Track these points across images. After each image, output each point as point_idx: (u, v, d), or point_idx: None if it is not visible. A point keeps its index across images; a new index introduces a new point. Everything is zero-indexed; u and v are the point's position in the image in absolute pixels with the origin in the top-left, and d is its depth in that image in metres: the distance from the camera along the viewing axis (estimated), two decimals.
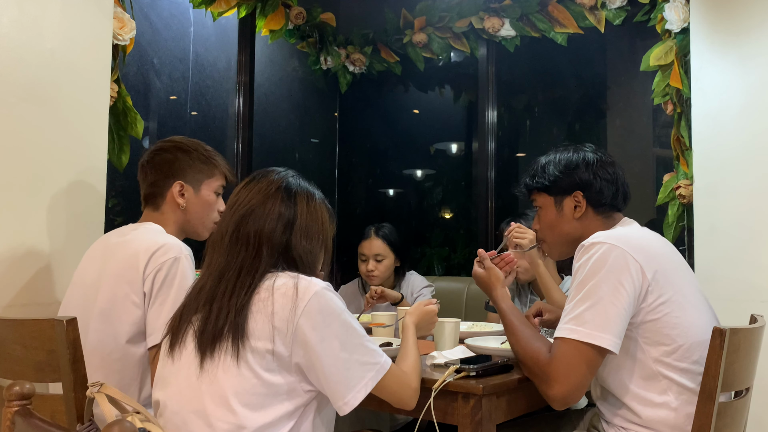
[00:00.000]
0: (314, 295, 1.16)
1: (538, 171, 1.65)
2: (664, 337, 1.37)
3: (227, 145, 3.16)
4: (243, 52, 3.21)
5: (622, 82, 3.12)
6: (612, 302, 1.34)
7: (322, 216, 1.31)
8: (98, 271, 1.61)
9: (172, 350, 1.22)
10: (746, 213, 2.36)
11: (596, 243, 1.40)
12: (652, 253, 1.41)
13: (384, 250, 2.65)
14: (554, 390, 1.34)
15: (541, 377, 1.37)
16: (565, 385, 1.33)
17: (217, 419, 1.11)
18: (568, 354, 1.34)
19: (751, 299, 2.26)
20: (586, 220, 1.58)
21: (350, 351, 1.18)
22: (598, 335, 1.32)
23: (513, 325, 1.49)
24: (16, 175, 1.87)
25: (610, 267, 1.36)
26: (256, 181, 1.30)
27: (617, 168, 1.61)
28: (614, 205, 1.59)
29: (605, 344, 1.32)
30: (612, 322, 1.33)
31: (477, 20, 3.32)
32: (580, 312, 1.35)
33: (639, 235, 1.49)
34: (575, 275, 1.42)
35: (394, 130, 3.83)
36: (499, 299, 1.61)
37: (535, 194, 1.67)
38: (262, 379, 1.13)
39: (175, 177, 1.70)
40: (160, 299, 1.53)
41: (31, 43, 1.91)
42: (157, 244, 1.56)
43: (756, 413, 1.64)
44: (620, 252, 1.37)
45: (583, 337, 1.33)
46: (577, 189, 1.58)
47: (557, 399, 1.35)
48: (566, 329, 1.36)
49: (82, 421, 1.26)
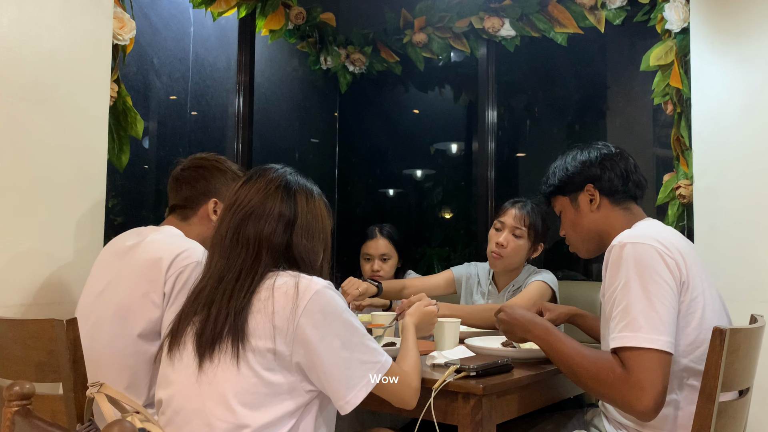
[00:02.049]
0: (315, 293, 1.16)
1: (549, 176, 1.69)
2: (686, 336, 1.36)
3: (227, 145, 3.16)
4: (243, 52, 3.21)
5: (622, 82, 3.12)
6: (662, 302, 1.31)
7: (321, 212, 1.31)
8: (115, 272, 1.63)
9: (171, 351, 1.22)
10: (746, 213, 2.36)
11: (626, 243, 1.38)
12: (682, 251, 1.40)
13: (389, 250, 2.66)
14: (645, 402, 1.26)
15: (624, 392, 1.29)
16: (654, 394, 1.26)
17: (217, 419, 1.11)
18: (644, 362, 1.28)
19: (751, 299, 2.26)
20: (604, 211, 1.59)
21: (351, 350, 1.18)
22: (659, 339, 1.28)
23: (560, 343, 1.42)
24: (16, 175, 1.87)
25: (649, 266, 1.33)
26: (254, 180, 1.29)
27: (625, 157, 1.63)
28: (627, 192, 1.60)
29: (666, 347, 1.28)
30: (667, 323, 1.30)
31: (477, 20, 3.32)
32: (635, 317, 1.30)
33: (666, 233, 1.47)
34: (611, 278, 1.38)
35: (394, 130, 3.83)
36: (534, 337, 1.52)
37: (553, 200, 1.70)
38: (263, 378, 1.13)
39: (210, 195, 1.77)
40: (178, 302, 1.53)
41: (31, 43, 1.91)
42: (181, 247, 1.60)
43: (756, 413, 1.64)
44: (653, 250, 1.35)
45: (648, 344, 1.28)
46: (588, 182, 1.60)
47: (650, 411, 1.27)
48: (626, 337, 1.30)
49: (82, 421, 1.26)
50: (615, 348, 1.32)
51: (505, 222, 2.28)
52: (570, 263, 3.24)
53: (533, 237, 2.28)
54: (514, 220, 2.27)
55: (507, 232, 2.26)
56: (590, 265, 3.15)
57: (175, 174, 1.81)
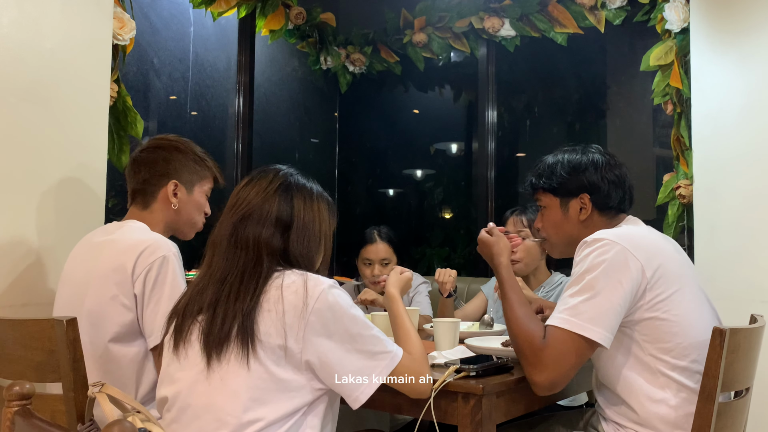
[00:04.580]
0: (323, 292, 1.18)
1: (545, 171, 1.63)
2: (663, 334, 1.38)
3: (227, 145, 3.16)
4: (243, 52, 3.21)
5: (622, 82, 3.12)
6: (608, 297, 1.35)
7: (320, 215, 1.32)
8: (85, 271, 1.59)
9: (176, 348, 1.22)
10: (746, 213, 2.36)
11: (598, 239, 1.41)
12: (654, 252, 1.42)
13: (389, 254, 2.65)
14: (542, 376, 1.35)
15: (531, 361, 1.37)
16: (553, 373, 1.34)
17: (227, 414, 1.13)
18: (560, 342, 1.35)
19: (751, 299, 2.26)
20: (590, 222, 1.58)
21: (361, 343, 1.21)
22: (591, 328, 1.33)
23: (511, 301, 1.49)
24: (16, 175, 1.87)
25: (610, 263, 1.37)
26: (255, 181, 1.31)
27: (624, 170, 1.60)
28: (620, 208, 1.59)
29: (596, 337, 1.33)
30: (605, 317, 1.34)
31: (477, 20, 3.32)
32: (576, 303, 1.36)
33: (642, 233, 1.49)
34: (575, 268, 1.43)
35: (394, 130, 3.83)
36: (502, 267, 1.59)
37: (540, 194, 1.66)
38: (273, 374, 1.14)
39: (170, 176, 1.69)
40: (154, 300, 1.51)
41: (31, 43, 1.91)
42: (143, 243, 1.53)
43: (756, 413, 1.64)
44: (621, 249, 1.38)
45: (575, 328, 1.34)
46: (584, 191, 1.57)
47: (544, 385, 1.36)
48: (560, 318, 1.37)
49: (83, 421, 1.26)
50: (549, 325, 1.39)
51: (509, 230, 2.30)
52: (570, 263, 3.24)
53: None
54: (515, 225, 2.35)
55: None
56: None
57: (134, 156, 1.71)
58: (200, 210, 1.77)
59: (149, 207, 1.69)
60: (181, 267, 1.57)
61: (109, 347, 1.52)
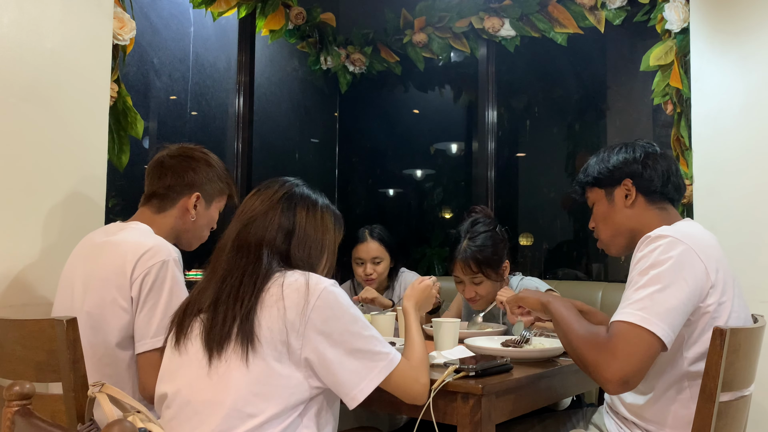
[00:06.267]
0: (324, 290, 1.20)
1: (589, 167, 1.66)
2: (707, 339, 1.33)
3: (227, 145, 3.16)
4: (243, 52, 3.21)
5: (622, 82, 3.12)
6: (675, 294, 1.30)
7: (323, 225, 1.37)
8: (85, 272, 1.58)
9: (178, 344, 1.24)
10: (746, 213, 2.36)
11: (663, 236, 1.37)
12: (716, 256, 1.40)
13: (381, 253, 2.63)
14: (613, 369, 1.25)
15: (596, 359, 1.28)
16: (626, 366, 1.25)
17: (229, 409, 1.14)
18: (628, 335, 1.27)
19: (751, 299, 2.25)
20: (638, 209, 1.56)
21: (360, 343, 1.22)
22: (657, 323, 1.27)
23: (560, 318, 1.43)
24: (17, 175, 1.87)
25: (677, 260, 1.33)
26: (262, 191, 1.36)
27: (669, 159, 1.60)
28: (665, 194, 1.56)
29: (660, 333, 1.26)
30: (671, 314, 1.29)
31: (477, 20, 3.32)
32: (641, 297, 1.30)
33: (703, 235, 1.46)
34: (636, 264, 1.38)
35: (394, 130, 3.83)
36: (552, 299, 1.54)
37: (588, 191, 1.66)
38: (273, 369, 1.16)
39: (195, 188, 1.69)
40: (149, 304, 1.50)
41: (31, 43, 1.91)
42: (145, 246, 1.52)
43: (756, 413, 1.64)
44: (687, 248, 1.35)
45: (641, 322, 1.27)
46: (626, 177, 1.57)
47: (615, 380, 1.25)
48: (624, 312, 1.30)
49: (83, 421, 1.26)
50: (613, 321, 1.32)
51: (459, 276, 2.22)
52: (570, 262, 3.25)
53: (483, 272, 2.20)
54: (464, 272, 2.18)
55: (468, 285, 2.19)
56: (590, 264, 3.16)
57: (160, 159, 1.69)
58: (210, 224, 1.78)
59: (164, 212, 1.68)
60: (181, 273, 1.56)
61: (108, 350, 1.52)
